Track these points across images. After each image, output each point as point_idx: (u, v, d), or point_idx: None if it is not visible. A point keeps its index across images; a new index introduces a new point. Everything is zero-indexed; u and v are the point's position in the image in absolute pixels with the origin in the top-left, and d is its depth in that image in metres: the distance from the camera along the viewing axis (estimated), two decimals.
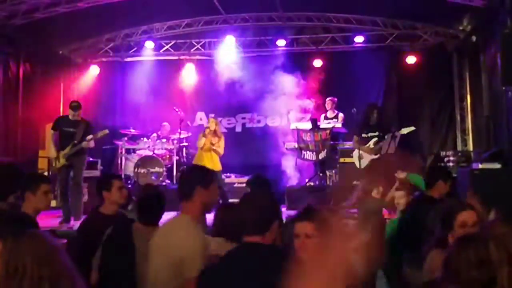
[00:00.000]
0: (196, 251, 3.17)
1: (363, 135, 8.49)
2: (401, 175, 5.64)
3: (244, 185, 10.80)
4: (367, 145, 8.48)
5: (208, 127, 9.95)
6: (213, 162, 9.51)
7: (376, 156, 8.45)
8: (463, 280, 2.36)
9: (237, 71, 12.66)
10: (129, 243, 3.50)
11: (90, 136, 8.62)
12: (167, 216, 3.76)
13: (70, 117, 8.82)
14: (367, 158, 8.47)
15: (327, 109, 11.54)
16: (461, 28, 11.96)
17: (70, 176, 8.64)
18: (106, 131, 9.28)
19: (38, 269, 2.00)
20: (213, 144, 9.63)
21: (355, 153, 8.92)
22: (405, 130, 8.49)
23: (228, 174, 10.85)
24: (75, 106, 8.80)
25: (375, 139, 8.47)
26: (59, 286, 2.02)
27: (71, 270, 2.10)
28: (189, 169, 3.98)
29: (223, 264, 2.93)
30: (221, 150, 9.71)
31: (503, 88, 8.97)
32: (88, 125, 8.88)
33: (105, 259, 3.71)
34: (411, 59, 12.58)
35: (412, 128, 8.66)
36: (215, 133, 9.81)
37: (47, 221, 7.92)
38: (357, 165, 8.82)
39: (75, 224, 7.72)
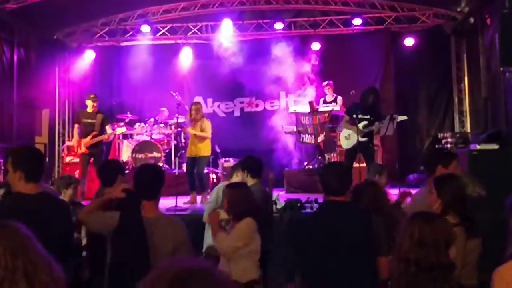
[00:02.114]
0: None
1: (354, 115, 8.45)
2: None
3: None
4: (357, 125, 8.42)
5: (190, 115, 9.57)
6: (196, 149, 9.23)
7: (364, 139, 8.38)
8: None
9: (234, 55, 12.58)
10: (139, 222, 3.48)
11: (110, 132, 9.68)
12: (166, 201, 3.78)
13: (88, 109, 9.75)
14: (354, 139, 8.42)
15: (326, 93, 11.51)
16: (459, 9, 11.91)
17: (88, 162, 9.54)
18: (124, 128, 10.60)
19: (11, 260, 1.96)
20: (195, 135, 9.24)
21: (343, 132, 8.85)
22: (399, 117, 8.46)
23: (227, 158, 10.80)
24: (94, 97, 9.74)
25: (364, 122, 8.40)
26: (35, 275, 1.98)
27: (46, 258, 2.05)
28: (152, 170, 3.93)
29: (316, 217, 3.86)
30: (206, 135, 9.28)
31: (501, 69, 8.95)
32: (105, 117, 9.83)
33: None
34: (409, 41, 12.53)
35: (405, 117, 8.64)
36: (194, 120, 9.38)
37: None
38: (343, 146, 8.79)
39: None
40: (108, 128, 9.70)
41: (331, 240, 3.45)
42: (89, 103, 9.72)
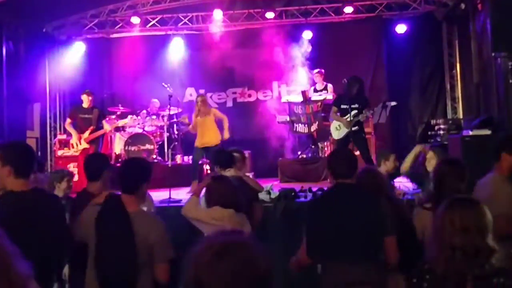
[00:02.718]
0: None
1: (342, 106, 8.53)
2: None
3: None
4: (346, 117, 8.50)
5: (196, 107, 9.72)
6: (209, 139, 9.39)
7: (355, 128, 8.45)
8: None
9: (226, 45, 12.52)
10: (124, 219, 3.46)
11: (107, 126, 10.00)
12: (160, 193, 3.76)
13: (84, 104, 9.92)
14: (344, 130, 8.49)
15: (316, 81, 11.49)
16: None
17: None
18: (126, 120, 10.82)
19: None
20: (208, 126, 9.42)
21: (333, 124, 8.93)
22: (389, 103, 8.51)
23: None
24: (89, 92, 9.94)
25: (355, 112, 8.47)
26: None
27: (11, 255, 1.96)
28: (133, 163, 3.98)
29: (326, 197, 4.12)
30: (225, 119, 9.59)
31: (493, 54, 8.94)
32: (101, 112, 10.16)
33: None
34: (400, 29, 12.49)
35: (395, 102, 8.69)
36: (203, 112, 9.50)
37: None
38: (334, 136, 8.87)
39: None
40: (105, 124, 9.96)
41: (340, 219, 3.68)
42: (84, 98, 9.86)
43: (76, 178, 8.14)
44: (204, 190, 4.66)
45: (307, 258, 3.87)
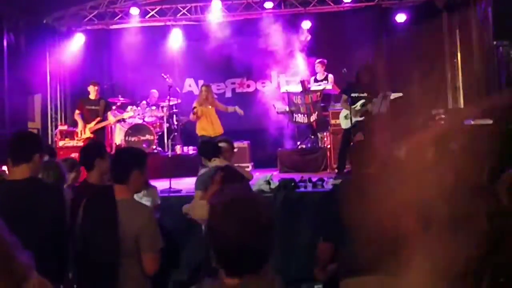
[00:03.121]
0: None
1: (352, 94, 8.41)
2: None
3: (236, 150, 10.83)
4: (354, 106, 8.39)
5: (201, 96, 9.82)
6: (213, 129, 9.48)
7: (361, 118, 8.38)
8: None
9: (225, 35, 12.48)
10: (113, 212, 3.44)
11: (112, 118, 10.21)
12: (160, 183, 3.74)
13: (91, 96, 10.11)
14: (353, 119, 8.41)
15: (317, 71, 11.45)
16: None
17: None
18: (131, 112, 11.11)
19: None
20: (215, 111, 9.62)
21: (342, 113, 8.85)
22: (393, 94, 8.44)
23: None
24: (95, 83, 10.16)
25: (362, 101, 8.39)
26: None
27: (11, 246, 1.96)
28: (122, 152, 4.03)
29: (345, 184, 4.29)
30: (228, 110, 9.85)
31: (494, 43, 8.92)
32: (107, 103, 10.36)
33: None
34: (400, 18, 12.42)
35: (400, 94, 8.61)
36: (207, 101, 9.67)
37: None
38: (343, 126, 8.77)
39: None
40: (110, 115, 10.13)
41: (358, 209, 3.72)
42: (91, 89, 10.06)
43: None
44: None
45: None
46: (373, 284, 3.80)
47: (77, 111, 10.22)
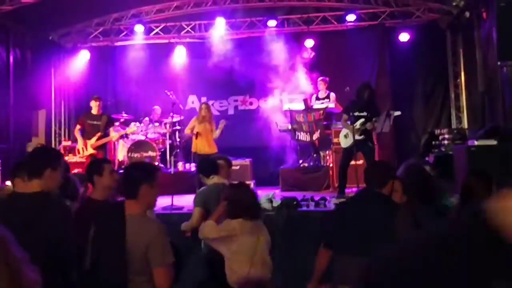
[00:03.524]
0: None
1: (352, 113, 8.42)
2: None
3: (237, 167, 10.82)
4: (354, 124, 8.38)
5: (200, 113, 9.84)
6: (209, 146, 9.47)
7: (361, 137, 8.36)
8: None
9: (228, 53, 12.54)
10: (121, 227, 3.40)
11: (113, 134, 10.10)
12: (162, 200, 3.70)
13: (93, 111, 9.93)
14: (351, 139, 8.40)
15: (319, 89, 11.46)
16: (454, 4, 11.81)
17: None
18: (135, 128, 10.89)
19: None
20: (211, 130, 9.55)
21: (342, 132, 8.84)
22: (393, 113, 8.43)
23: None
24: (98, 98, 10.00)
25: (362, 120, 8.39)
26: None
27: (19, 261, 1.97)
28: (131, 167, 3.87)
29: (354, 202, 4.46)
30: (216, 135, 9.64)
31: (498, 63, 8.90)
32: (109, 119, 10.13)
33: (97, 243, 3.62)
34: (404, 37, 12.43)
35: (399, 112, 8.61)
36: (206, 118, 9.68)
37: None
38: (343, 145, 8.76)
39: None
40: (112, 132, 10.03)
41: (358, 222, 4.05)
42: (93, 104, 9.93)
43: None
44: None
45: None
46: None
47: (78, 127, 10.05)
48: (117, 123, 11.53)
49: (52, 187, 3.61)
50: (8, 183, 5.06)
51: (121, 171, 9.77)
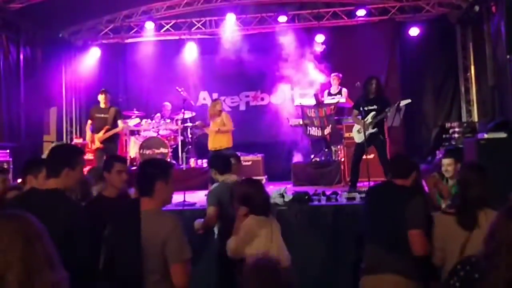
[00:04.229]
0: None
1: (362, 108, 8.41)
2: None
3: (249, 163, 10.89)
4: (365, 119, 8.37)
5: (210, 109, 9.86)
6: (220, 142, 9.49)
7: (373, 130, 8.37)
8: None
9: (239, 49, 12.60)
10: (136, 224, 3.40)
11: (122, 125, 9.93)
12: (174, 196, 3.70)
13: (101, 104, 9.88)
14: (366, 133, 8.39)
15: (332, 84, 11.48)
16: None
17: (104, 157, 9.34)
18: (138, 119, 10.90)
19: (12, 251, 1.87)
20: (219, 130, 9.53)
21: (355, 127, 8.86)
22: (402, 102, 8.42)
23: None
24: (104, 91, 9.97)
25: (373, 113, 8.39)
26: (31, 271, 1.88)
27: (50, 258, 1.95)
28: (145, 163, 3.85)
29: (376, 191, 4.65)
30: (227, 128, 9.56)
31: (508, 57, 8.90)
32: (118, 111, 10.00)
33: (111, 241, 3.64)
34: (414, 31, 12.45)
35: (409, 100, 8.57)
36: (216, 115, 9.64)
37: None
38: (356, 139, 8.78)
39: None
40: (120, 122, 9.86)
41: (378, 212, 4.26)
42: (100, 97, 9.91)
43: None
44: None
45: None
46: (387, 281, 3.95)
47: (89, 122, 10.05)
48: (128, 120, 11.61)
49: (70, 186, 3.63)
50: (19, 180, 5.13)
51: (133, 168, 9.91)
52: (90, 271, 3.38)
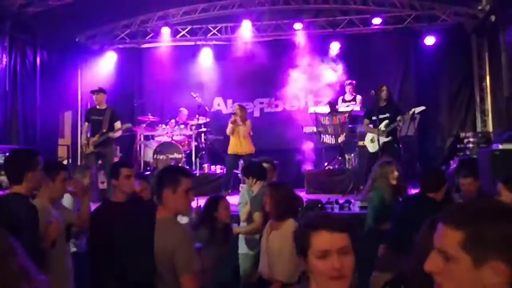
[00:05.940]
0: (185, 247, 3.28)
1: (373, 117, 8.43)
2: None
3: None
4: (379, 127, 8.38)
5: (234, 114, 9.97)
6: (241, 147, 9.63)
7: (388, 139, 8.37)
8: None
9: (254, 55, 12.64)
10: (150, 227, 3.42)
11: (118, 127, 9.35)
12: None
13: (97, 106, 9.57)
14: (380, 141, 8.38)
15: (346, 91, 11.49)
16: (480, 8, 11.77)
17: (97, 163, 9.31)
18: (129, 124, 9.99)
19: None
20: (242, 131, 9.69)
21: (367, 136, 8.87)
22: (417, 109, 8.42)
23: None
24: (97, 90, 9.62)
25: (386, 122, 8.40)
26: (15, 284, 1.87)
27: (25, 270, 1.93)
28: (161, 170, 3.79)
29: (410, 202, 4.90)
30: (244, 134, 9.73)
31: None
32: (113, 112, 9.49)
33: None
34: (429, 40, 12.42)
35: (423, 107, 8.56)
36: (246, 119, 9.87)
37: None
38: (369, 149, 8.78)
39: None
40: (117, 124, 9.47)
41: (406, 222, 4.26)
42: (95, 97, 9.66)
43: None
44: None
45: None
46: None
47: (86, 124, 9.81)
48: (143, 125, 11.68)
49: (35, 188, 3.63)
50: None
51: (147, 173, 9.94)
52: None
